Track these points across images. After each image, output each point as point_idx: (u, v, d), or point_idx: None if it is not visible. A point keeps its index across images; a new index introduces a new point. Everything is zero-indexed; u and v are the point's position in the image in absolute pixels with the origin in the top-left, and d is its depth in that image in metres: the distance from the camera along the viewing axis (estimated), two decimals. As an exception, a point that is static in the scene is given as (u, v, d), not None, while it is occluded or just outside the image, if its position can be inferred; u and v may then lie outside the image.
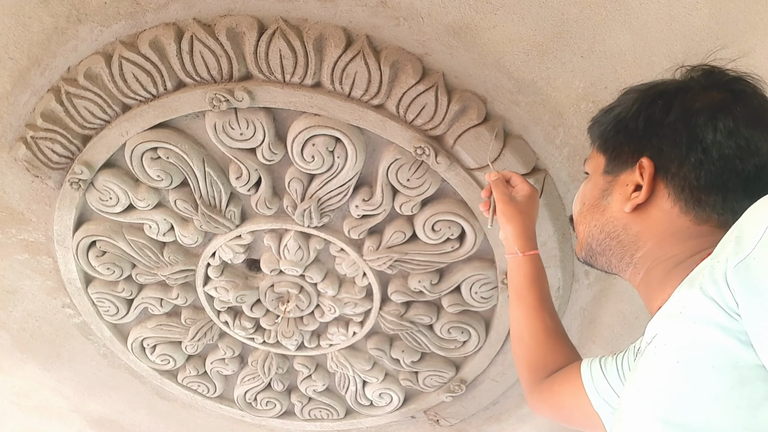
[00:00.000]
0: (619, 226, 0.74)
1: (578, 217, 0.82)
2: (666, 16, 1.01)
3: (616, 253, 0.75)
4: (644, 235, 0.72)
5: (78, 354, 1.81)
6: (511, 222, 1.04)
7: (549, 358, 0.98)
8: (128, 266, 1.52)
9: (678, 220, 0.69)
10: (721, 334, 0.50)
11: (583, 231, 0.80)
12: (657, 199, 0.71)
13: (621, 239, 0.74)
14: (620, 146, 0.76)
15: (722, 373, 0.50)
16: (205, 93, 1.18)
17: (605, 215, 0.76)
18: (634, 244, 0.73)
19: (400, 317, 1.53)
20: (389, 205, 1.32)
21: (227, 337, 1.70)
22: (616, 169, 0.76)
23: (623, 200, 0.73)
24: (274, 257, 1.47)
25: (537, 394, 0.98)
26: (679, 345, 0.54)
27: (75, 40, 1.18)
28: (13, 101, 1.26)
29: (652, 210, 0.71)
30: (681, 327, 0.55)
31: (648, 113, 0.73)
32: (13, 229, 1.49)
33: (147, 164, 1.30)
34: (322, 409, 1.81)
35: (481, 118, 1.19)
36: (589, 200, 0.80)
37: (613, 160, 0.77)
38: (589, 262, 0.81)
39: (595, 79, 1.12)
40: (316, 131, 1.21)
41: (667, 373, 0.55)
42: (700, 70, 0.74)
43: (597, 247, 0.77)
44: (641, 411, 0.57)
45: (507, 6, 1.04)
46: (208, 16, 1.14)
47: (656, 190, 0.71)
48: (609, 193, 0.76)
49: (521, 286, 1.03)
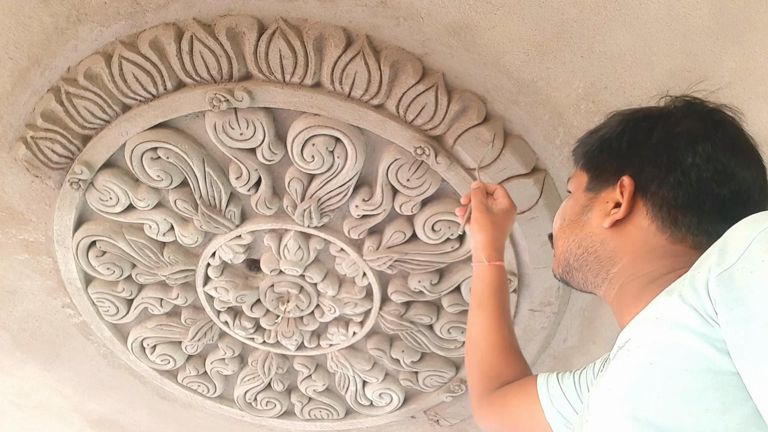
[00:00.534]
0: (597, 242, 0.76)
1: (558, 233, 0.84)
2: (666, 16, 1.01)
3: (593, 269, 0.77)
4: (621, 251, 0.74)
5: (78, 354, 1.81)
6: (483, 231, 1.07)
7: (503, 369, 1.00)
8: (128, 266, 1.52)
9: (654, 238, 0.71)
10: (697, 339, 0.51)
11: (562, 246, 0.82)
12: (635, 217, 0.73)
13: (598, 254, 0.76)
14: (603, 165, 0.79)
15: (694, 377, 0.51)
16: (205, 93, 1.18)
17: (584, 230, 0.78)
18: (611, 260, 0.75)
19: (400, 317, 1.53)
20: (389, 205, 1.33)
21: (227, 337, 1.70)
22: (598, 186, 0.79)
23: (603, 216, 0.76)
24: (274, 257, 1.48)
25: (487, 403, 0.99)
26: (653, 348, 0.56)
27: (75, 40, 1.18)
28: (13, 101, 1.26)
29: (629, 227, 0.73)
30: (656, 331, 0.56)
31: (632, 134, 0.76)
32: (13, 229, 1.49)
33: (147, 164, 1.30)
34: (322, 409, 1.81)
35: (481, 118, 1.19)
36: (570, 216, 0.82)
37: (595, 177, 0.80)
38: (565, 279, 0.83)
39: (595, 79, 1.12)
40: (316, 131, 1.21)
41: (640, 373, 0.56)
42: (682, 101, 0.77)
43: (574, 263, 0.79)
44: (610, 409, 0.58)
45: (507, 6, 1.04)
46: (208, 16, 1.14)
47: (635, 208, 0.73)
48: (589, 209, 0.79)
49: (484, 294, 1.05)
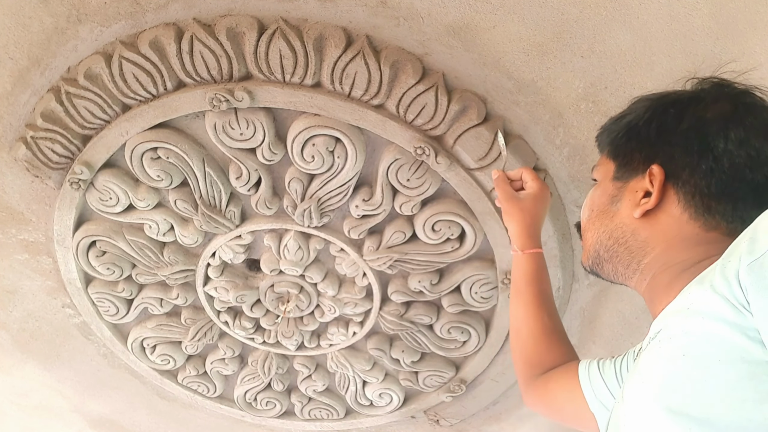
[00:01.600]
0: (628, 232, 0.75)
1: (586, 224, 0.82)
2: (666, 16, 1.01)
3: (624, 260, 0.76)
4: (652, 241, 0.72)
5: (78, 354, 1.81)
6: (512, 220, 1.04)
7: (545, 356, 0.98)
8: (128, 266, 1.52)
9: (687, 226, 0.70)
10: (730, 329, 0.51)
11: (591, 238, 0.80)
12: (666, 206, 0.71)
13: (629, 245, 0.74)
14: (631, 153, 0.77)
15: (729, 367, 0.50)
16: (205, 93, 1.18)
17: (614, 221, 0.77)
18: (642, 250, 0.73)
19: (400, 317, 1.53)
20: (389, 205, 1.32)
21: (227, 337, 1.70)
22: (626, 175, 0.77)
23: (633, 206, 0.74)
24: (274, 257, 1.48)
25: (532, 390, 0.99)
26: (686, 339, 0.55)
27: (75, 40, 1.18)
28: (13, 101, 1.26)
29: (661, 216, 0.72)
30: (688, 322, 0.56)
31: (660, 121, 0.74)
32: (13, 229, 1.49)
33: (147, 164, 1.30)
34: (322, 409, 1.81)
35: (481, 118, 1.19)
36: (598, 206, 0.80)
37: (623, 166, 0.77)
38: (596, 271, 0.82)
39: (595, 79, 1.12)
40: (316, 131, 1.21)
41: (673, 364, 0.55)
42: (710, 83, 0.75)
43: (605, 254, 0.78)
44: (645, 400, 0.57)
45: (507, 6, 1.04)
46: (208, 16, 1.14)
47: (666, 197, 0.72)
48: (618, 199, 0.77)
49: (520, 282, 1.03)
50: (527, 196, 1.06)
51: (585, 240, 0.83)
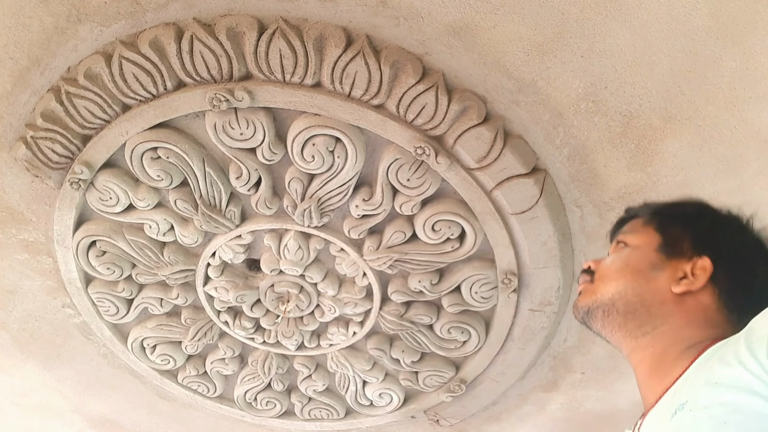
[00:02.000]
0: (658, 299, 0.78)
1: (614, 273, 0.83)
2: (666, 15, 1.01)
3: (639, 319, 0.78)
4: (676, 315, 0.77)
5: (78, 354, 1.81)
6: None
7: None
8: (128, 266, 1.52)
9: (712, 314, 0.76)
10: (765, 402, 0.55)
11: (613, 287, 0.82)
12: (701, 294, 0.77)
13: (652, 310, 0.78)
14: (681, 235, 0.82)
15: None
16: (205, 93, 1.18)
17: (649, 284, 0.80)
18: (663, 318, 0.77)
19: (400, 317, 1.53)
20: (389, 205, 1.32)
21: (227, 337, 1.70)
22: (671, 252, 0.81)
23: (673, 281, 0.78)
24: (274, 257, 1.47)
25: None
26: (724, 410, 0.58)
27: (75, 39, 1.18)
28: (13, 101, 1.26)
29: (691, 299, 0.77)
30: (722, 395, 0.59)
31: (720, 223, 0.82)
32: (13, 229, 1.49)
33: (147, 164, 1.30)
34: (322, 409, 1.81)
35: (481, 118, 1.19)
36: (635, 265, 0.83)
37: (669, 244, 0.82)
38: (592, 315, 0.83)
39: (595, 79, 1.12)
40: (316, 131, 1.21)
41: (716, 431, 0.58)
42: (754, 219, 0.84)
43: (621, 307, 0.80)
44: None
45: (507, 6, 1.04)
46: (208, 16, 1.14)
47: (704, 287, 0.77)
48: (660, 269, 0.80)
49: None
50: None
51: (600, 286, 0.84)
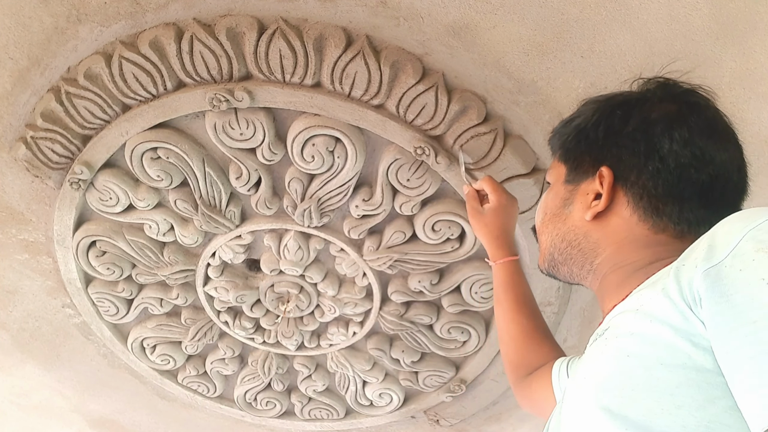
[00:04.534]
0: (580, 234, 0.76)
1: (540, 227, 0.84)
2: (666, 16, 1.01)
3: (577, 261, 0.77)
4: (603, 243, 0.73)
5: (78, 354, 1.81)
6: (479, 235, 1.11)
7: (528, 357, 1.01)
8: (128, 266, 1.52)
9: (636, 228, 0.71)
10: (676, 334, 0.51)
11: (546, 241, 0.82)
12: (616, 207, 0.73)
13: (582, 247, 0.76)
14: (581, 156, 0.78)
15: (670, 371, 0.50)
16: (205, 93, 1.18)
17: (567, 224, 0.78)
18: (594, 252, 0.74)
19: (400, 317, 1.53)
20: (389, 205, 1.32)
21: (227, 337, 1.70)
22: (577, 178, 0.78)
23: (584, 209, 0.75)
24: (274, 257, 1.48)
25: (520, 390, 1.02)
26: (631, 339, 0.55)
27: (75, 40, 1.18)
28: (13, 101, 1.26)
29: (611, 218, 0.73)
30: (636, 323, 0.56)
31: (608, 123, 0.75)
32: (13, 229, 1.49)
33: (147, 164, 1.30)
34: (322, 409, 1.81)
35: (481, 118, 1.19)
36: (551, 209, 0.81)
37: (573, 169, 0.79)
38: (552, 273, 0.83)
39: (595, 79, 1.12)
40: (316, 131, 1.21)
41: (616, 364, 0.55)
42: (655, 83, 0.76)
43: (559, 257, 0.79)
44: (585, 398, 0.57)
45: (507, 6, 1.04)
46: (208, 16, 1.14)
47: (616, 199, 0.73)
48: (570, 202, 0.78)
49: (497, 291, 1.08)
50: (488, 211, 1.11)
51: (540, 243, 0.84)
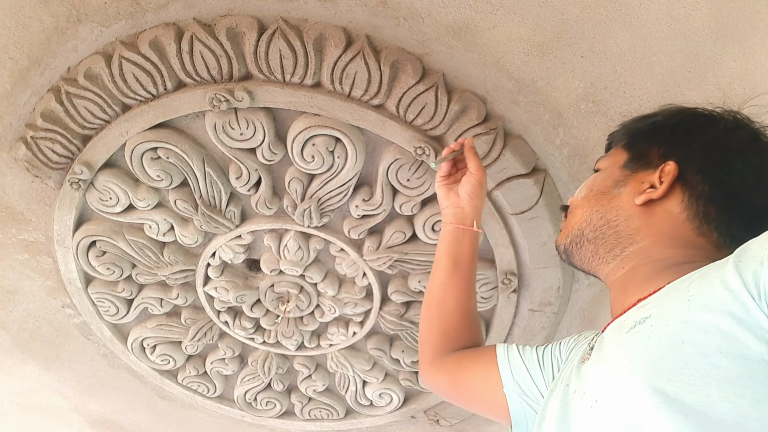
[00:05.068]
0: (622, 216, 0.75)
1: (579, 202, 0.82)
2: (666, 16, 1.01)
3: (608, 243, 0.76)
4: (644, 231, 0.73)
5: (78, 354, 1.81)
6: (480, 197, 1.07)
7: (463, 333, 1.01)
8: (128, 266, 1.52)
9: (681, 225, 0.72)
10: (737, 324, 0.51)
11: (581, 215, 0.80)
12: (668, 202, 0.73)
13: (619, 229, 0.75)
14: (649, 147, 0.78)
15: (730, 361, 0.51)
16: (205, 93, 1.18)
17: (612, 203, 0.77)
18: (631, 237, 0.74)
19: (400, 317, 1.53)
20: (389, 205, 1.33)
21: (227, 337, 1.70)
22: (637, 166, 0.78)
23: (636, 193, 0.75)
24: (274, 257, 1.48)
25: (440, 363, 1.00)
26: (685, 327, 0.55)
27: (75, 40, 1.18)
28: (13, 101, 1.26)
29: (659, 210, 0.73)
30: (690, 312, 0.56)
31: (689, 125, 0.77)
32: (13, 229, 1.49)
33: (147, 164, 1.30)
34: (322, 409, 1.81)
35: (481, 118, 1.19)
36: (599, 187, 0.80)
37: (636, 158, 0.79)
38: (569, 252, 0.81)
39: (595, 79, 1.12)
40: (316, 131, 1.21)
41: (671, 350, 0.55)
42: (738, 113, 0.78)
43: (590, 234, 0.78)
44: (632, 380, 0.56)
45: (507, 6, 1.04)
46: (208, 16, 1.14)
47: (671, 194, 0.73)
48: (623, 184, 0.78)
49: (462, 257, 1.05)
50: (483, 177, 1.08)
51: (570, 219, 0.82)
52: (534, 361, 0.87)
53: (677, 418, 0.51)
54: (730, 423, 0.49)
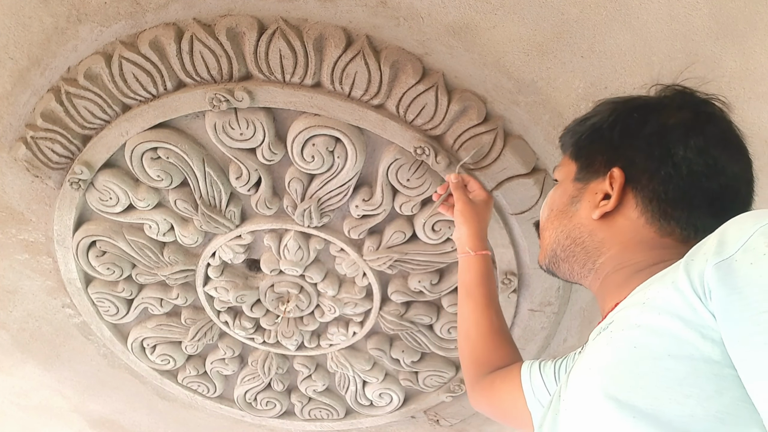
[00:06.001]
0: (585, 232, 0.76)
1: (545, 223, 0.84)
2: (666, 16, 1.01)
3: (579, 259, 0.77)
4: (608, 242, 0.74)
5: (78, 354, 1.81)
6: (467, 223, 1.10)
7: (493, 355, 1.02)
8: (128, 266, 1.52)
9: (643, 229, 0.72)
10: (684, 326, 0.52)
11: (549, 237, 0.81)
12: (624, 209, 0.73)
13: (586, 245, 0.76)
14: (593, 155, 0.78)
15: (677, 362, 0.51)
16: (205, 93, 1.18)
17: (572, 221, 0.78)
18: (598, 250, 0.75)
19: (400, 317, 1.53)
20: (389, 205, 1.33)
21: (227, 337, 1.70)
22: (587, 176, 0.78)
23: (592, 207, 0.75)
24: (274, 257, 1.48)
25: (479, 388, 1.01)
26: (638, 331, 0.56)
27: (75, 40, 1.18)
28: (13, 101, 1.26)
29: (618, 218, 0.73)
30: (643, 316, 0.56)
31: (624, 125, 0.75)
32: (13, 229, 1.49)
33: (147, 164, 1.30)
34: (322, 409, 1.81)
35: (481, 118, 1.19)
36: (558, 206, 0.81)
37: (584, 168, 0.79)
38: (552, 270, 0.83)
39: (595, 79, 1.12)
40: (316, 131, 1.21)
41: (623, 354, 0.56)
42: (673, 90, 0.77)
43: (561, 254, 0.79)
44: (590, 387, 0.57)
45: (507, 6, 1.04)
46: (208, 16, 1.14)
47: (624, 200, 0.73)
48: (578, 199, 0.78)
49: (471, 284, 1.08)
50: (480, 202, 1.13)
51: (543, 239, 0.84)
52: (551, 375, 0.88)
53: (627, 421, 0.52)
54: (678, 423, 0.50)
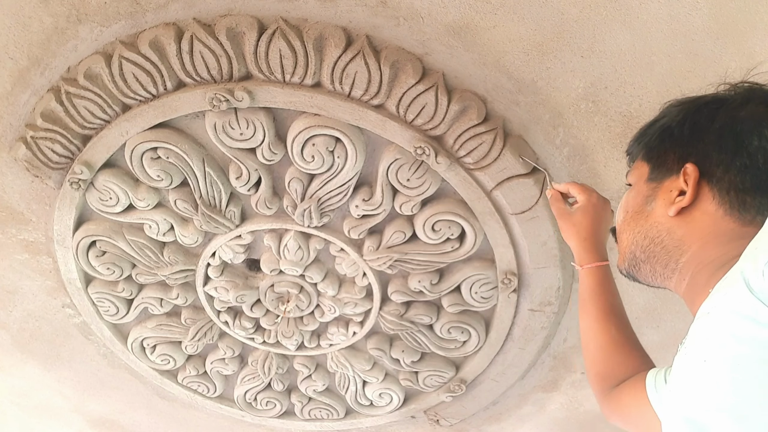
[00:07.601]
0: (663, 230, 0.75)
1: (622, 226, 0.83)
2: (666, 15, 1.01)
3: (661, 260, 0.76)
4: (688, 239, 0.73)
5: (78, 354, 1.81)
6: (569, 240, 1.05)
7: (616, 369, 0.98)
8: (128, 266, 1.52)
9: (722, 221, 0.71)
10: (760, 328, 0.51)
11: (627, 239, 0.81)
12: (701, 203, 0.72)
13: (665, 244, 0.75)
14: (665, 153, 0.78)
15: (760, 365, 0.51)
16: (205, 93, 1.18)
17: (649, 221, 0.77)
18: (679, 249, 0.74)
19: (400, 317, 1.53)
20: (389, 205, 1.32)
21: (227, 337, 1.70)
22: (660, 176, 0.78)
23: (667, 205, 0.75)
24: (274, 257, 1.48)
25: (607, 402, 0.98)
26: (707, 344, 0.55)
27: (75, 40, 1.18)
28: (13, 101, 1.26)
29: (696, 213, 0.73)
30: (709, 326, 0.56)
31: (694, 120, 0.76)
32: (13, 229, 1.49)
33: (147, 164, 1.30)
34: (322, 409, 1.81)
35: (481, 118, 1.19)
36: (633, 207, 0.81)
37: (657, 167, 0.79)
38: (632, 274, 0.81)
39: (595, 79, 1.12)
40: (316, 131, 1.21)
41: (694, 372, 0.56)
42: (742, 87, 0.76)
43: (641, 255, 0.78)
44: (671, 410, 0.58)
45: (507, 6, 1.04)
46: (208, 16, 1.14)
47: (701, 195, 0.73)
48: (653, 199, 0.78)
49: (584, 297, 1.03)
50: (577, 210, 1.06)
51: (620, 243, 0.83)
52: None
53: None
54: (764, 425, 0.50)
